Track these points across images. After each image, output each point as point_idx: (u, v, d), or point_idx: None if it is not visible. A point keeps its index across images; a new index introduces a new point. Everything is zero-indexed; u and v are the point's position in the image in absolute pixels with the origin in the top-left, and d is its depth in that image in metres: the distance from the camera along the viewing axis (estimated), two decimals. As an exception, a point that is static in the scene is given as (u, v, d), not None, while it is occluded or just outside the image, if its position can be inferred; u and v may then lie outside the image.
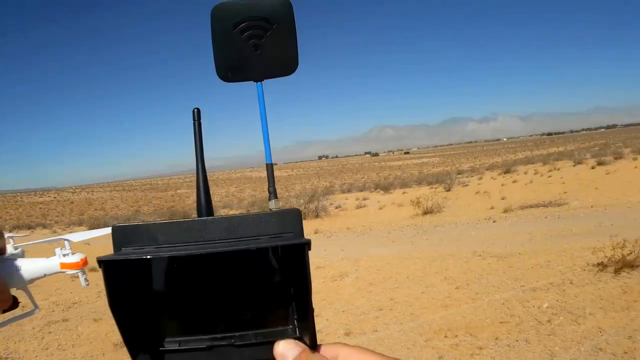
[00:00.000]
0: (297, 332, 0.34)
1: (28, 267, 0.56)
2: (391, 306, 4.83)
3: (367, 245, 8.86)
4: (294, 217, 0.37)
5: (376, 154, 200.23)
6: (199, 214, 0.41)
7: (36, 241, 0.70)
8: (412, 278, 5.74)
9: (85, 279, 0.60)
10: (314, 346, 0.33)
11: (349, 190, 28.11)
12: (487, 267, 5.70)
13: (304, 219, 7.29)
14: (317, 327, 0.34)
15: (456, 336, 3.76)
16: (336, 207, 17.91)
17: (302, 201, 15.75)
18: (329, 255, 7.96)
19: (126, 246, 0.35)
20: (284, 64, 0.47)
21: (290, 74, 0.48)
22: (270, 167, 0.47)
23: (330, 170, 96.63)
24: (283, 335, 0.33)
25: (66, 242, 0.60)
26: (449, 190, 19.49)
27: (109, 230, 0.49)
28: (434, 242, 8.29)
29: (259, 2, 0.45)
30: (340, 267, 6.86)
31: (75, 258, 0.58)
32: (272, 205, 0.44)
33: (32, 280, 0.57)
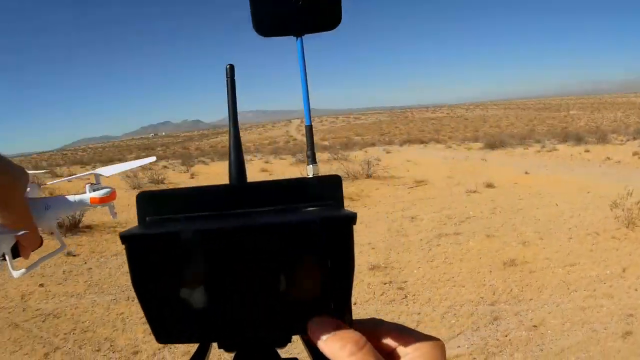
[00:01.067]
0: (333, 311, 0.44)
1: (57, 205, 0.76)
2: None
3: None
4: (334, 185, 0.48)
5: None
6: (231, 179, 0.54)
7: (69, 177, 0.95)
8: None
9: (115, 212, 0.84)
10: (349, 322, 0.44)
11: None
12: None
13: None
14: None
15: None
16: None
17: None
18: None
19: (151, 215, 0.46)
20: (325, 17, 0.63)
21: (332, 29, 0.64)
22: (309, 129, 0.63)
23: None
24: (318, 312, 0.43)
25: (96, 177, 0.81)
26: None
27: (140, 162, 0.84)
28: None
29: None
30: None
31: (104, 192, 0.78)
32: (310, 170, 0.59)
33: (59, 218, 0.78)
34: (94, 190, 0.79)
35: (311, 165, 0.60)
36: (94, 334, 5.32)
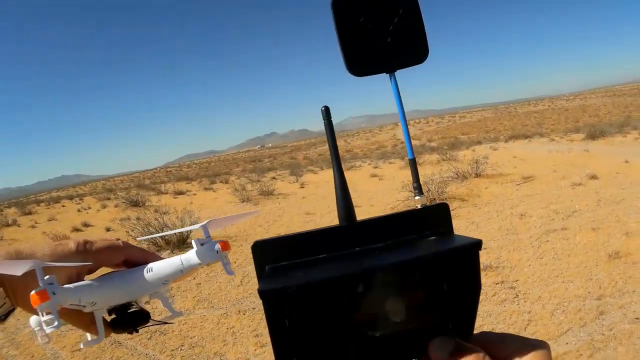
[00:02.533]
0: (451, 328, 0.44)
1: (160, 269, 0.64)
2: None
3: None
4: (443, 213, 0.48)
5: None
6: (340, 219, 0.52)
7: (173, 231, 0.83)
8: None
9: (229, 269, 0.64)
10: (469, 339, 0.44)
11: None
12: None
13: None
14: None
15: None
16: None
17: None
18: None
19: (269, 263, 0.45)
20: (414, 51, 0.60)
21: (421, 62, 0.61)
22: (413, 162, 0.61)
23: None
24: (437, 334, 0.43)
25: (204, 229, 0.67)
26: None
27: (247, 214, 0.73)
28: None
29: None
30: None
31: (212, 248, 0.64)
32: (419, 201, 0.56)
33: (166, 283, 0.65)
34: (201, 245, 0.65)
35: (418, 197, 0.58)
36: (203, 349, 5.10)
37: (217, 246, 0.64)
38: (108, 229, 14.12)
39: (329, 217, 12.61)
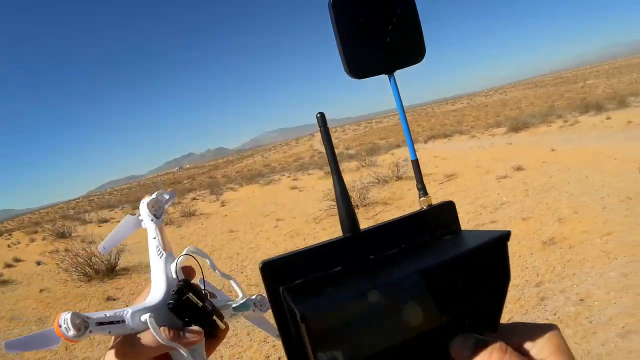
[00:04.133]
0: (478, 324, 0.48)
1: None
2: None
3: None
4: (449, 211, 0.52)
5: None
6: (344, 230, 0.54)
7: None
8: None
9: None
10: (494, 331, 0.49)
11: None
12: None
13: None
14: None
15: None
16: None
17: None
18: None
19: (282, 284, 0.46)
20: (412, 51, 0.65)
21: (419, 62, 0.65)
22: (416, 164, 0.64)
23: None
24: (455, 333, 0.47)
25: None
26: None
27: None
28: None
29: None
30: None
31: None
32: (424, 202, 0.59)
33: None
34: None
35: (423, 198, 0.61)
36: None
37: (142, 202, 0.76)
38: (39, 263, 14.15)
39: (252, 234, 12.79)
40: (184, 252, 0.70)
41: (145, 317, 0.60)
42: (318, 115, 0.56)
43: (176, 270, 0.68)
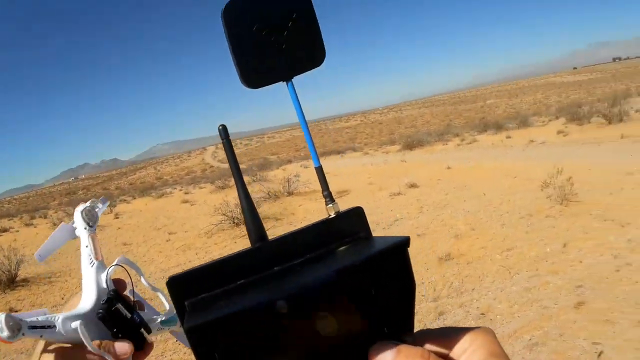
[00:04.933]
0: (387, 332, 0.50)
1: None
2: None
3: None
4: (358, 216, 0.55)
5: None
6: (252, 241, 0.57)
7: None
8: None
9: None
10: (412, 338, 0.51)
11: None
12: None
13: (610, 123, 15.35)
14: (629, 236, 1.59)
15: None
16: (636, 111, 24.90)
17: (606, 105, 24.34)
18: (637, 161, 11.98)
19: (189, 298, 0.49)
20: (311, 55, 0.68)
21: (319, 65, 0.69)
22: (320, 171, 0.67)
23: (625, 72, 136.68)
24: (373, 340, 0.49)
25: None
26: None
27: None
28: None
29: None
30: None
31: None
32: (331, 209, 0.63)
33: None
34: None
35: (331, 205, 0.63)
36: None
37: (76, 209, 0.87)
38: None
39: (145, 247, 13.45)
40: (115, 262, 0.78)
41: (76, 324, 0.66)
42: (220, 127, 0.60)
43: (107, 279, 0.76)
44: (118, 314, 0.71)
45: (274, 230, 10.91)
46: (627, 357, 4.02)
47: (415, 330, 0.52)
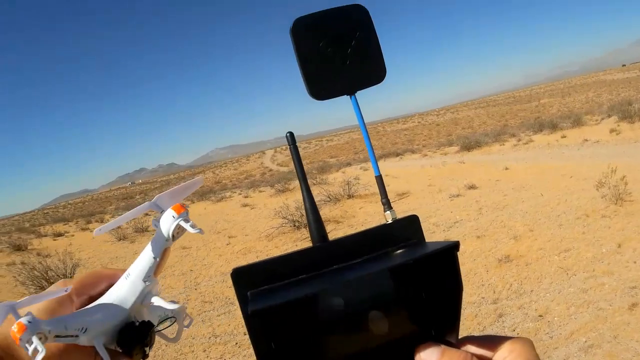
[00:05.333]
0: (439, 335, 0.53)
1: (135, 270, 0.68)
2: None
3: None
4: (413, 224, 0.58)
5: None
6: (313, 240, 0.61)
7: (124, 218, 0.72)
8: None
9: (195, 227, 0.66)
10: (456, 341, 0.54)
11: None
12: None
13: None
14: None
15: None
16: None
17: None
18: None
19: (250, 289, 0.52)
20: (373, 72, 0.73)
21: (380, 82, 0.74)
22: (380, 179, 0.73)
23: None
24: (421, 341, 0.52)
25: (154, 207, 0.70)
26: None
27: (197, 181, 0.77)
28: None
29: (334, 12, 0.72)
30: None
31: (169, 215, 0.67)
32: (389, 216, 0.67)
33: (147, 280, 0.67)
34: (159, 220, 0.70)
35: (388, 212, 0.68)
36: None
37: (171, 211, 0.68)
38: (-3, 276, 14.16)
39: (205, 250, 13.14)
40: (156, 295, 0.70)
41: (100, 340, 0.62)
42: (288, 134, 0.64)
43: (151, 306, 0.68)
44: (140, 340, 0.65)
45: (335, 233, 11.07)
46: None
47: (460, 336, 0.56)
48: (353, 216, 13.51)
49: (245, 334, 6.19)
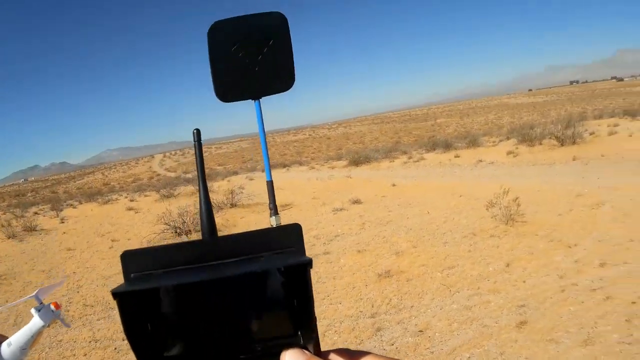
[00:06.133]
0: (302, 341, 0.57)
1: (18, 340, 0.89)
2: (642, 238, 7.98)
3: (621, 174, 14.03)
4: (295, 233, 0.62)
5: (621, 79, 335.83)
6: (203, 234, 0.67)
7: (5, 306, 1.24)
8: (668, 213, 9.43)
9: (66, 322, 0.97)
10: (318, 353, 0.59)
11: (600, 117, 43.10)
12: None
13: (562, 145, 15.80)
14: (577, 257, 1.63)
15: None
16: (590, 134, 26.60)
17: (559, 127, 25.61)
18: (587, 182, 13.00)
19: (134, 272, 0.58)
20: (281, 79, 0.79)
21: (287, 90, 0.81)
22: (270, 185, 0.84)
23: (581, 95, 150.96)
24: (288, 346, 0.57)
25: (36, 298, 0.94)
26: None
27: (60, 283, 1.10)
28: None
29: (254, 19, 0.78)
30: (597, 195, 11.06)
31: (49, 310, 0.92)
32: (273, 221, 0.80)
33: (24, 350, 0.90)
34: (38, 311, 0.91)
35: (274, 217, 0.77)
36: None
37: (52, 307, 0.92)
38: None
39: (89, 253, 13.66)
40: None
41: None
42: (194, 131, 0.69)
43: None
44: None
45: None
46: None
47: (335, 347, 0.61)
48: (234, 225, 13.96)
49: (124, 339, 6.34)
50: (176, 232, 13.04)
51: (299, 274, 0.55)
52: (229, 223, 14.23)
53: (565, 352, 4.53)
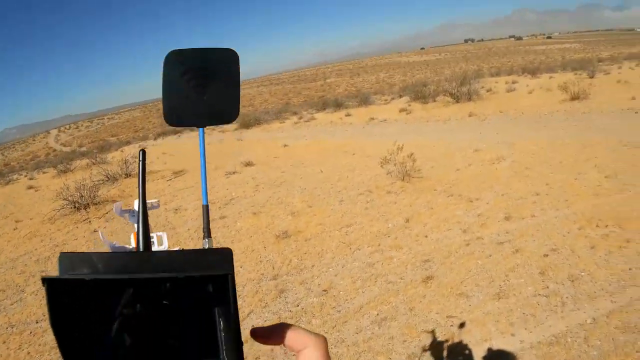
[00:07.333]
0: (225, 353, 0.57)
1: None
2: (547, 191, 8.08)
3: (520, 129, 14.76)
4: (226, 256, 0.62)
5: (519, 38, 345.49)
6: (138, 246, 0.70)
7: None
8: (564, 164, 9.71)
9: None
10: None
11: (498, 74, 44.70)
12: (633, 157, 9.42)
13: (458, 102, 16.09)
14: (479, 211, 1.51)
15: (606, 226, 6.34)
16: (487, 91, 27.34)
17: (454, 84, 25.77)
18: (485, 138, 13.47)
19: (70, 272, 0.59)
20: (225, 111, 0.84)
21: (230, 122, 0.87)
22: (206, 209, 0.82)
23: (476, 53, 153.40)
24: (211, 356, 0.57)
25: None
26: (592, 77, 29.47)
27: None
28: (582, 129, 13.70)
29: (207, 52, 0.83)
30: (497, 150, 11.55)
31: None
32: (206, 244, 0.76)
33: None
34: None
35: (206, 240, 0.79)
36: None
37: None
38: None
39: None
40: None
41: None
42: (140, 152, 0.71)
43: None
44: None
45: (113, 214, 10.93)
46: (489, 330, 4.24)
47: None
48: (130, 195, 13.68)
49: (37, 322, 6.39)
50: (75, 207, 12.71)
51: (220, 287, 0.55)
52: (125, 193, 13.99)
53: (478, 305, 4.62)
